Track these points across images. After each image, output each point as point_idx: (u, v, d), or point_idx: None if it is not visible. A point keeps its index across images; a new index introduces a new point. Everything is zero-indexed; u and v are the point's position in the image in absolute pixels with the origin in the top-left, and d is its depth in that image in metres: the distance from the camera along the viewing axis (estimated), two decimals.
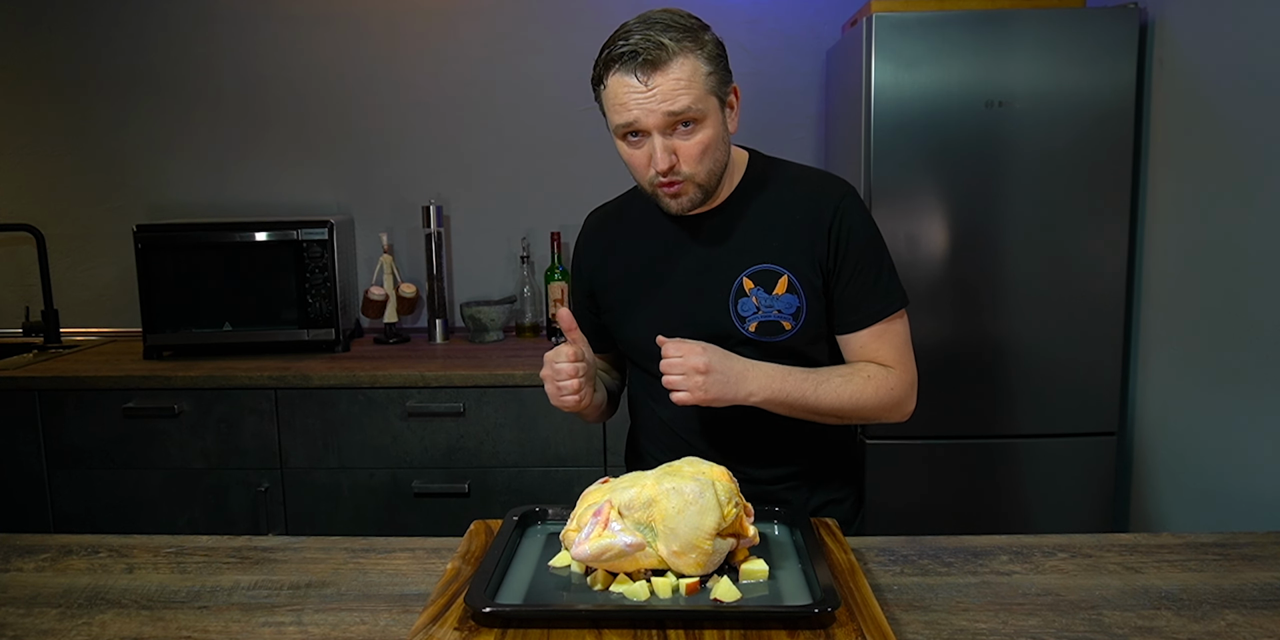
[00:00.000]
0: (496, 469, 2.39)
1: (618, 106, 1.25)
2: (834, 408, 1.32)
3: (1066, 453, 2.38)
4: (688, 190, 1.29)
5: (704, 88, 1.24)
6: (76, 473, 2.39)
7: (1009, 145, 2.28)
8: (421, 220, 2.83)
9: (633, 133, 1.26)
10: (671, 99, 1.21)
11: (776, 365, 1.30)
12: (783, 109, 2.84)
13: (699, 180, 1.28)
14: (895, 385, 1.36)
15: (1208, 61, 2.11)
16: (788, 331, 1.35)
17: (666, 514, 1.05)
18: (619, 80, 1.23)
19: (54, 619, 1.08)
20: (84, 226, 2.94)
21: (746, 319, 1.35)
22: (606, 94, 1.27)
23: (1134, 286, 2.39)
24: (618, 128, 1.26)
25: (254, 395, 2.37)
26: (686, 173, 1.27)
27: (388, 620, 1.08)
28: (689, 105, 1.22)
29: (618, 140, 1.30)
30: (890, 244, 2.28)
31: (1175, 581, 1.15)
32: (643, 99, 1.22)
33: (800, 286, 1.34)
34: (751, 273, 1.35)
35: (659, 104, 1.22)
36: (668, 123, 1.23)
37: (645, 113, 1.22)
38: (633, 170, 1.31)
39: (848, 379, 1.33)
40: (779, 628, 0.97)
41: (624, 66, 1.22)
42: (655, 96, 1.21)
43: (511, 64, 2.87)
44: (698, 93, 1.23)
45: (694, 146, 1.25)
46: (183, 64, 2.87)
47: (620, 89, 1.23)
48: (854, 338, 1.38)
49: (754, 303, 1.34)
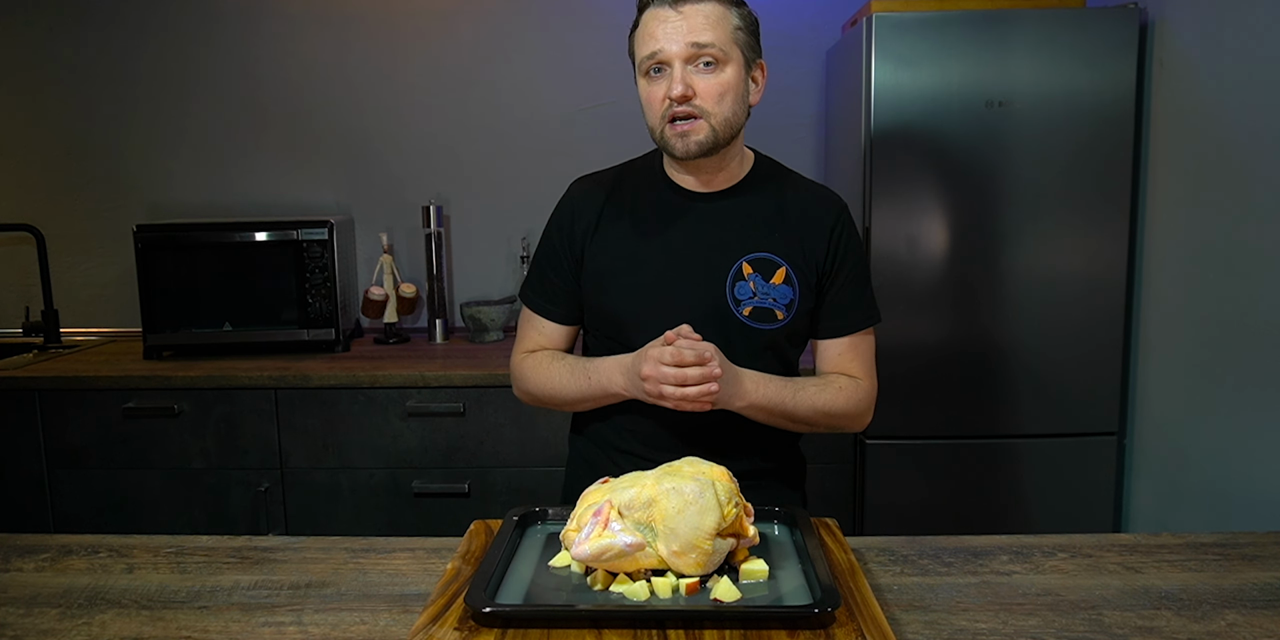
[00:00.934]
0: (496, 469, 2.39)
1: (645, 38, 1.28)
2: (808, 416, 1.35)
3: (1066, 453, 2.38)
4: (700, 129, 1.28)
5: (730, 35, 1.27)
6: (76, 473, 2.39)
7: (1009, 145, 2.28)
8: (421, 220, 2.83)
9: (655, 67, 1.28)
10: (698, 31, 1.25)
11: (758, 372, 1.32)
12: (783, 109, 2.84)
13: (714, 121, 1.28)
14: (863, 397, 1.40)
15: (1208, 61, 2.11)
16: (779, 321, 1.36)
17: (666, 514, 1.05)
18: (652, 14, 1.28)
19: (54, 619, 1.08)
20: (84, 226, 2.94)
21: (742, 302, 1.35)
22: (638, 33, 1.30)
23: (1134, 286, 2.39)
24: (642, 61, 1.29)
25: (254, 395, 2.37)
26: (702, 108, 1.27)
27: (388, 620, 1.08)
28: (713, 40, 1.25)
29: (640, 79, 1.31)
30: (890, 244, 2.32)
31: (1175, 581, 1.15)
32: (670, 29, 1.25)
33: (796, 280, 1.36)
34: (752, 258, 1.35)
35: (685, 34, 1.25)
36: (690, 54, 1.26)
37: (670, 41, 1.25)
38: (647, 108, 1.32)
39: (821, 389, 1.36)
40: (779, 628, 0.97)
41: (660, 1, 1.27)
42: (683, 26, 1.25)
43: (511, 64, 2.86)
44: (724, 34, 1.27)
45: (713, 85, 1.27)
46: (183, 64, 2.87)
47: (651, 21, 1.27)
48: (832, 345, 1.41)
49: (751, 288, 1.35)
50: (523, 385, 1.46)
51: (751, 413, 1.33)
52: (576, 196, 1.45)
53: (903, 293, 2.33)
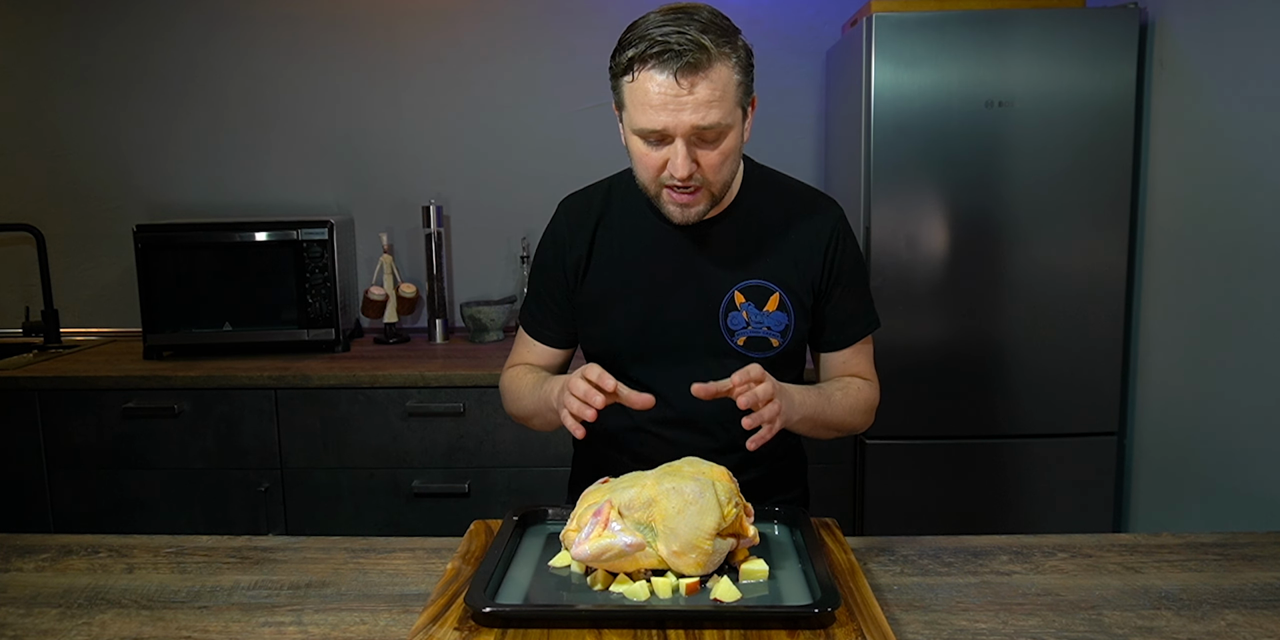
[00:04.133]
0: (496, 469, 2.39)
1: (646, 107, 1.16)
2: (838, 421, 1.35)
3: (1066, 453, 2.38)
4: (701, 200, 1.24)
5: (733, 99, 1.18)
6: (76, 473, 2.39)
7: (1009, 145, 2.28)
8: (421, 220, 2.83)
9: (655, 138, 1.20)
10: (705, 111, 1.15)
11: (794, 385, 1.29)
12: (783, 109, 2.84)
13: (714, 190, 1.24)
14: (874, 398, 1.41)
15: (1208, 61, 2.11)
16: (775, 348, 1.34)
17: (666, 514, 1.05)
18: (651, 77, 1.15)
19: (54, 619, 1.08)
20: (84, 226, 2.94)
21: (736, 333, 1.33)
22: (632, 88, 1.18)
23: (1134, 286, 2.39)
24: (641, 130, 1.19)
25: (254, 395, 2.37)
26: (704, 181, 1.22)
27: (388, 620, 1.08)
28: (720, 119, 1.17)
29: (631, 136, 1.22)
30: (890, 244, 2.32)
31: (1175, 581, 1.15)
32: (676, 107, 1.15)
33: (790, 305, 1.34)
34: (744, 287, 1.33)
35: (691, 114, 1.15)
36: (696, 134, 1.18)
37: (677, 122, 1.16)
38: (641, 170, 1.25)
39: (845, 394, 1.36)
40: (779, 628, 0.97)
41: (662, 65, 1.14)
42: (688, 105, 1.15)
43: (511, 64, 2.87)
44: (729, 105, 1.18)
45: (716, 156, 1.20)
46: (183, 64, 2.87)
47: (652, 88, 1.15)
48: (838, 355, 1.41)
49: (744, 317, 1.33)
50: (503, 399, 1.46)
51: (802, 426, 1.29)
52: (565, 217, 1.41)
53: (903, 293, 2.33)
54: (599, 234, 1.38)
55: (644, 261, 1.35)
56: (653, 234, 1.36)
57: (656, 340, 1.34)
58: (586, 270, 1.38)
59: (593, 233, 1.38)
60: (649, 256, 1.35)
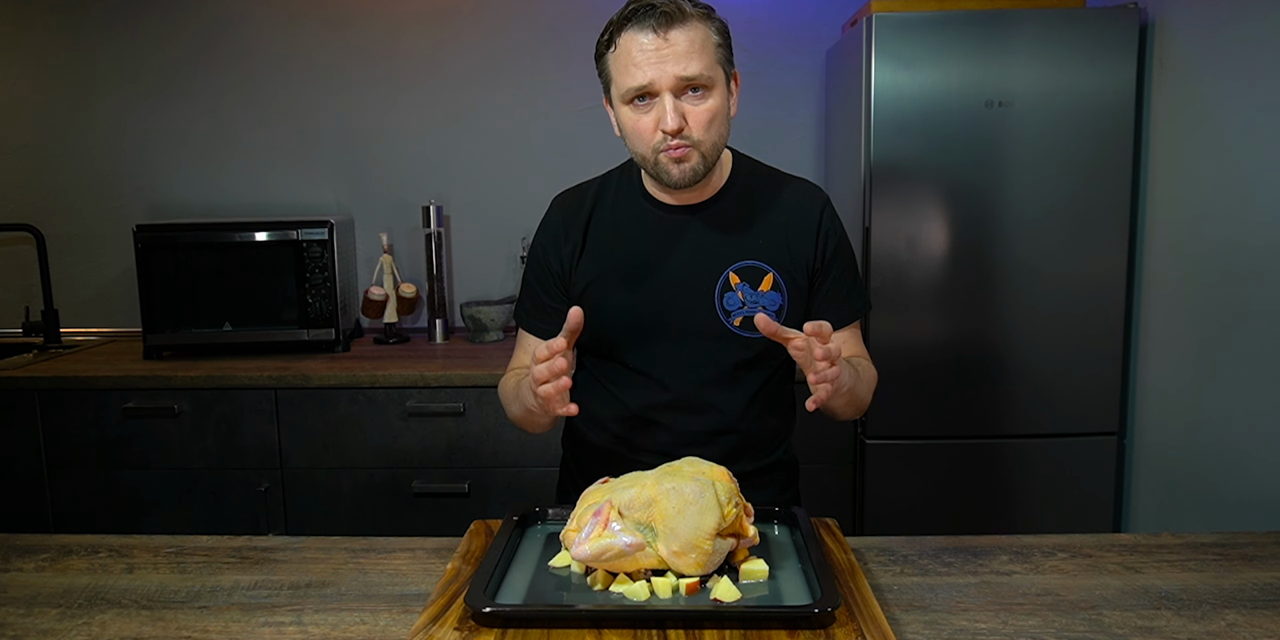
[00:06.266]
0: (496, 469, 2.39)
1: (629, 67, 1.22)
2: (861, 396, 1.36)
3: (1066, 453, 2.38)
4: (693, 157, 1.26)
5: (714, 56, 1.24)
6: (76, 473, 2.39)
7: (1009, 145, 2.28)
8: (421, 220, 2.83)
9: (641, 97, 1.23)
10: (685, 62, 1.20)
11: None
12: (783, 109, 2.84)
13: (704, 149, 1.26)
14: (876, 377, 1.42)
15: (1208, 61, 2.11)
16: None
17: (666, 514, 1.05)
18: (632, 38, 1.21)
19: (54, 619, 1.08)
20: (84, 226, 2.94)
21: (732, 313, 1.35)
22: (615, 56, 1.24)
23: (1134, 286, 2.39)
24: (627, 91, 1.23)
25: (254, 395, 2.37)
26: (695, 138, 1.25)
27: (388, 620, 1.08)
28: (701, 70, 1.21)
29: (620, 106, 1.26)
30: (890, 244, 2.32)
31: (1175, 581, 1.15)
32: (657, 58, 1.20)
33: (785, 285, 1.35)
34: (738, 268, 1.35)
35: (674, 65, 1.20)
36: (680, 85, 1.22)
37: (660, 73, 1.20)
38: (634, 137, 1.27)
39: (859, 370, 1.35)
40: (779, 628, 0.97)
41: (639, 22, 1.20)
42: (669, 57, 1.20)
43: (511, 64, 2.87)
44: (709, 59, 1.23)
45: (703, 113, 1.24)
46: (183, 64, 2.87)
47: (633, 47, 1.21)
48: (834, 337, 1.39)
49: (740, 297, 1.34)
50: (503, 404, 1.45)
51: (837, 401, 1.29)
52: (559, 216, 1.43)
53: (903, 293, 2.33)
54: (593, 223, 1.40)
55: (638, 246, 1.37)
56: (646, 223, 1.38)
57: (652, 323, 1.35)
58: (580, 258, 1.39)
59: (586, 222, 1.40)
60: (643, 241, 1.37)
